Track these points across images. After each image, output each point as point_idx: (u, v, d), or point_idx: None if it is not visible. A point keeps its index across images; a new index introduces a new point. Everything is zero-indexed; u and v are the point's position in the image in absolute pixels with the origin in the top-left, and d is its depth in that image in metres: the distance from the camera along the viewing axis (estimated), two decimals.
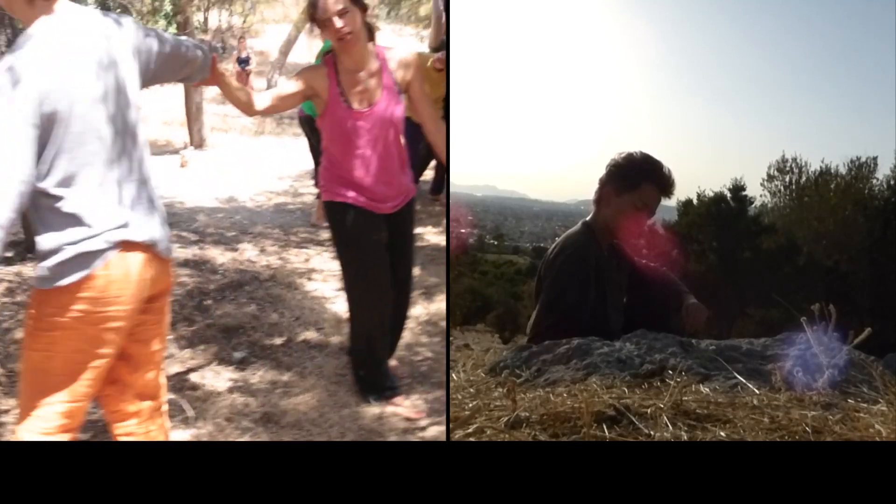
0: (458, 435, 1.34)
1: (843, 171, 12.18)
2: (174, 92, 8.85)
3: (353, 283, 2.74)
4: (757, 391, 1.55)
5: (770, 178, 12.97)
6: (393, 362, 3.00)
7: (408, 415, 2.71)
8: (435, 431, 2.65)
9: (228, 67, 12.59)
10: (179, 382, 2.94)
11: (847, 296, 9.86)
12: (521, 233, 57.48)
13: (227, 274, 4.13)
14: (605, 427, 1.34)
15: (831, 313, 1.68)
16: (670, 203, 2.46)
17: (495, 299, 19.11)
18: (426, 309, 3.71)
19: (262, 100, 2.53)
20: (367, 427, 2.66)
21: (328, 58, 2.60)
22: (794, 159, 12.80)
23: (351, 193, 2.62)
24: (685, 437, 1.32)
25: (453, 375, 1.86)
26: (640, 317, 2.20)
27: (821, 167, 12.56)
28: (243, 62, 11.91)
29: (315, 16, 2.49)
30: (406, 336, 3.25)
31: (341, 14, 2.45)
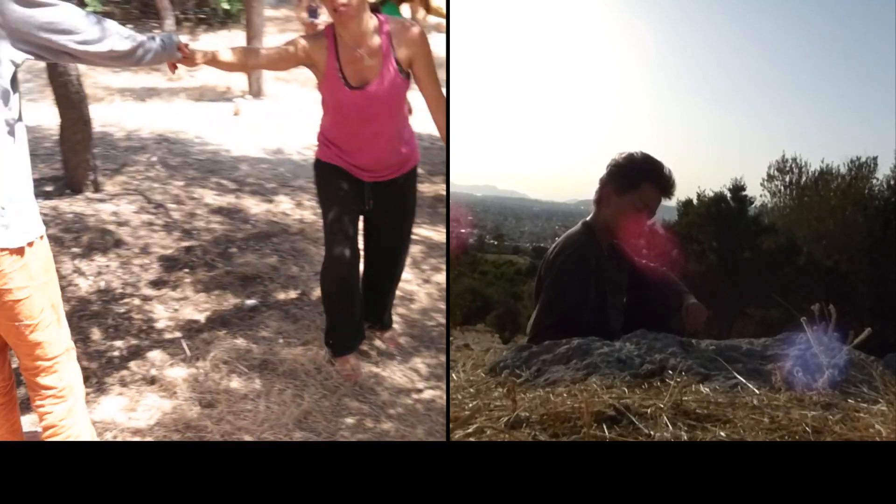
0: (458, 435, 1.34)
1: (843, 171, 12.18)
2: (238, 39, 8.84)
3: (326, 238, 2.80)
4: (757, 391, 1.55)
5: (770, 178, 12.96)
6: (390, 332, 3.09)
7: (353, 376, 2.80)
8: (430, 395, 2.76)
9: (302, 16, 12.23)
10: (189, 324, 3.10)
11: (847, 296, 9.85)
12: (521, 233, 57.46)
13: (258, 224, 4.16)
14: (605, 427, 1.34)
15: (831, 313, 1.68)
16: (670, 203, 2.46)
17: (495, 299, 19.10)
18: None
19: (254, 58, 2.56)
20: (362, 384, 2.78)
21: (328, 29, 2.52)
22: (794, 159, 12.80)
23: (335, 155, 2.66)
24: (685, 437, 1.32)
25: (453, 375, 1.86)
26: (640, 317, 2.20)
27: (821, 167, 12.55)
28: (313, 13, 11.44)
29: None
30: (423, 301, 3.43)
31: None
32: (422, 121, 2.87)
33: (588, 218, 2.39)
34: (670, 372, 1.65)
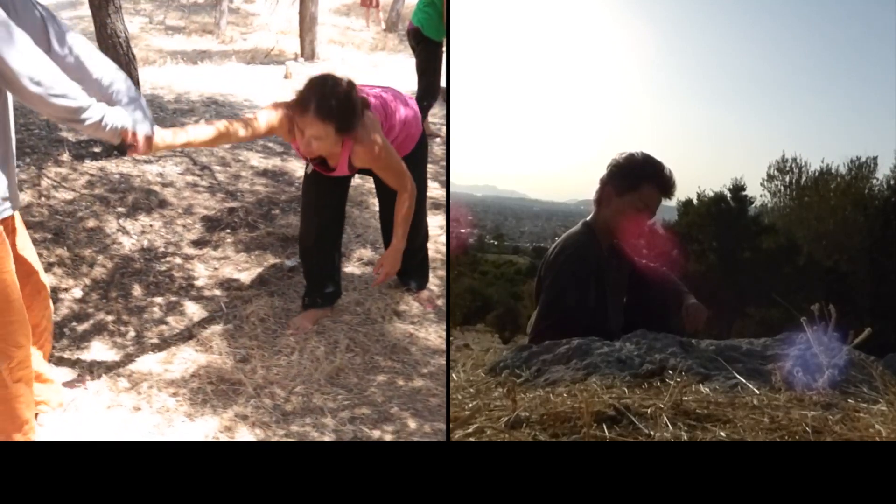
0: (458, 435, 1.34)
1: (843, 171, 12.18)
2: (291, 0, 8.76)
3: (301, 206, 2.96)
4: (757, 391, 1.55)
5: (770, 178, 12.96)
6: (427, 294, 3.16)
7: (293, 331, 2.85)
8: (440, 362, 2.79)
9: None
10: (227, 282, 3.20)
11: (847, 296, 9.85)
12: (521, 233, 57.51)
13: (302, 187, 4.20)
14: (605, 427, 1.34)
15: (831, 313, 1.68)
16: (670, 203, 2.47)
17: (495, 299, 19.10)
18: None
19: (225, 138, 2.49)
20: (396, 344, 2.81)
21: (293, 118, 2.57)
22: (794, 159, 12.80)
23: None
24: (685, 437, 1.32)
25: (453, 375, 1.86)
26: (640, 317, 2.20)
27: (821, 167, 12.56)
28: None
29: (296, 115, 2.46)
30: None
31: (316, 137, 2.46)
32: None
33: (588, 218, 2.39)
34: (670, 372, 1.65)
